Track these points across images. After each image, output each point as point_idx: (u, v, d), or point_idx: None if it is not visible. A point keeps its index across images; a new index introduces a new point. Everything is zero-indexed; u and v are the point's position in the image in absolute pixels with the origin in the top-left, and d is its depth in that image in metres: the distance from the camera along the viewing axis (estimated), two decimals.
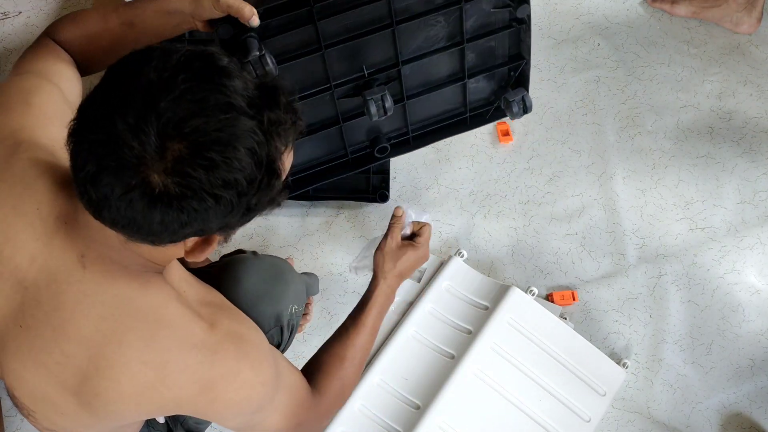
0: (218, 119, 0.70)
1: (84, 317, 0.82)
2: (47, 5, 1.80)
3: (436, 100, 1.40)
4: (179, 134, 0.69)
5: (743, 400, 1.44)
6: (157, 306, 0.84)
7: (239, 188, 0.72)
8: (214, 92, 0.71)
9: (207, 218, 0.73)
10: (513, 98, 1.39)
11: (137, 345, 0.82)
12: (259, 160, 0.73)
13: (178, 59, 0.72)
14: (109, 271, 0.82)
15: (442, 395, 1.35)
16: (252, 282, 1.06)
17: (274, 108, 0.75)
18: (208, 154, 0.69)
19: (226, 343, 0.87)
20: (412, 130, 1.43)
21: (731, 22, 1.74)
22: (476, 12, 1.30)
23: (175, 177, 0.69)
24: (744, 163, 1.63)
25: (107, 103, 0.71)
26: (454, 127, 1.46)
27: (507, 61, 1.39)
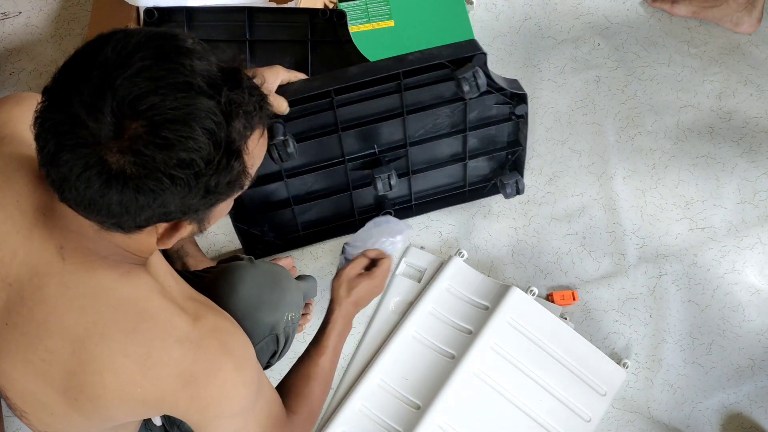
0: (175, 98, 0.69)
1: (65, 310, 0.81)
2: (47, 5, 1.80)
3: (439, 174, 1.52)
4: (135, 112, 0.68)
5: (743, 400, 1.44)
6: (139, 297, 0.83)
7: (196, 168, 0.71)
8: (171, 71, 0.70)
9: (165, 200, 0.73)
10: (508, 181, 1.49)
11: (119, 337, 0.81)
12: (218, 141, 0.72)
13: (138, 39, 0.71)
14: (87, 261, 0.81)
15: (442, 395, 1.35)
16: (248, 289, 1.05)
17: (234, 88, 0.74)
18: (163, 132, 0.69)
19: (209, 338, 0.86)
20: (415, 198, 1.54)
21: (731, 22, 1.74)
22: (479, 106, 1.41)
23: (131, 156, 0.69)
24: (744, 163, 1.63)
25: (67, 83, 0.70)
26: (454, 198, 1.57)
27: (506, 146, 1.51)
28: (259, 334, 1.05)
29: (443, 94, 1.37)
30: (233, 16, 1.55)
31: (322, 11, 1.56)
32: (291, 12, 1.58)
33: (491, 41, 1.75)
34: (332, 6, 1.66)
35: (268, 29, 1.57)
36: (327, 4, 1.65)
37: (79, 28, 1.77)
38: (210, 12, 1.55)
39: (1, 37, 1.77)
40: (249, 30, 1.56)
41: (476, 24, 1.74)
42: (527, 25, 1.77)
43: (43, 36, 1.77)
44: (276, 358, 1.12)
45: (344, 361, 1.45)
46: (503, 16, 1.78)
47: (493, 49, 1.73)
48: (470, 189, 1.56)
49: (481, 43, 1.70)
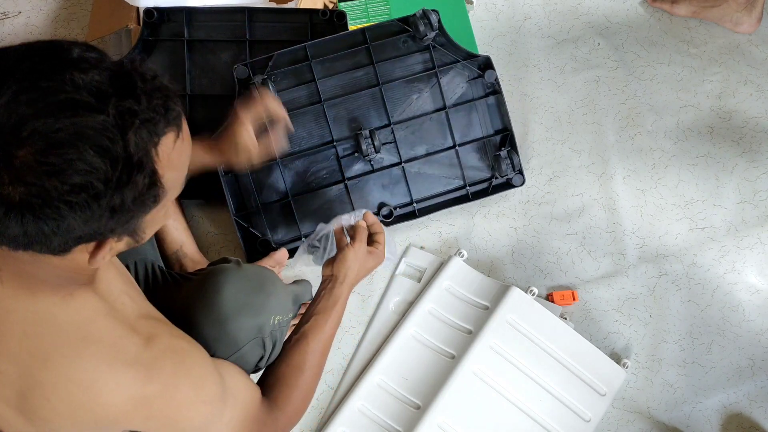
0: (57, 119, 0.64)
1: (9, 334, 0.78)
2: (47, 5, 1.80)
3: (438, 178, 1.56)
4: (18, 140, 0.64)
5: (743, 400, 1.44)
6: (82, 321, 0.80)
7: (93, 191, 0.67)
8: (51, 90, 0.65)
9: (69, 225, 0.68)
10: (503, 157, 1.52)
11: (62, 363, 0.78)
12: (114, 157, 0.66)
13: (15, 57, 0.66)
14: (26, 286, 0.78)
15: (442, 395, 1.35)
16: (232, 292, 1.03)
17: (127, 97, 0.68)
18: (50, 159, 0.64)
19: (162, 359, 0.83)
20: (417, 204, 1.55)
21: (731, 21, 1.74)
22: (454, 85, 1.54)
23: (22, 186, 0.65)
24: (744, 162, 1.63)
25: None
26: (455, 200, 1.57)
27: (493, 133, 1.57)
28: (243, 338, 1.03)
29: (414, 67, 1.52)
30: (233, 16, 1.55)
31: (322, 11, 1.56)
32: (291, 12, 1.58)
33: (491, 41, 1.75)
34: (332, 6, 1.66)
35: (268, 29, 1.57)
36: (327, 4, 1.65)
37: (79, 28, 1.77)
38: (210, 12, 1.55)
39: (1, 37, 1.77)
40: (249, 30, 1.56)
41: (476, 24, 1.74)
42: (527, 25, 1.77)
43: (43, 36, 1.77)
44: (264, 362, 1.10)
45: (344, 361, 1.45)
46: (503, 16, 1.78)
47: (493, 49, 1.73)
48: (472, 192, 1.56)
49: (481, 43, 1.73)
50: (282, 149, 1.29)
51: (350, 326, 1.48)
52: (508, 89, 1.66)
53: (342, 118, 1.51)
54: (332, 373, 1.44)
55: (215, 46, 1.55)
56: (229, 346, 1.00)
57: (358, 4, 1.68)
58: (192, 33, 1.55)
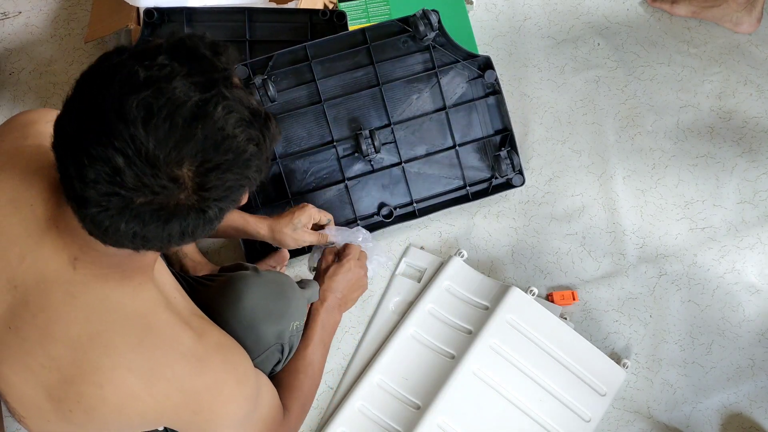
0: (199, 130, 0.71)
1: (71, 319, 0.81)
2: (47, 5, 1.80)
3: (438, 179, 1.56)
4: (181, 164, 0.71)
5: (743, 400, 1.44)
6: (146, 312, 0.83)
7: (256, 155, 0.75)
8: (172, 113, 0.70)
9: (249, 188, 0.78)
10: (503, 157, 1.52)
11: (124, 350, 0.81)
12: (249, 121, 0.75)
13: (116, 103, 0.70)
14: (101, 274, 0.81)
15: (442, 395, 1.35)
16: (253, 300, 1.05)
17: (214, 69, 0.74)
18: (218, 160, 0.72)
19: (214, 354, 0.87)
20: (417, 205, 1.56)
21: (731, 21, 1.74)
22: (454, 85, 1.54)
23: (203, 192, 0.73)
24: (744, 162, 1.63)
25: (91, 179, 0.70)
26: (456, 200, 1.58)
27: (493, 133, 1.57)
28: (264, 345, 1.05)
29: (414, 67, 1.52)
30: (233, 17, 1.55)
31: (322, 12, 1.56)
32: (291, 12, 1.58)
33: (491, 41, 1.75)
34: (332, 6, 1.66)
35: (268, 29, 1.57)
36: (327, 5, 1.65)
37: (79, 28, 1.77)
38: (210, 12, 1.55)
39: (1, 37, 1.77)
40: (249, 30, 1.56)
41: (476, 24, 1.74)
42: (527, 25, 1.77)
43: (43, 36, 1.77)
44: (280, 366, 1.13)
45: (344, 361, 1.45)
46: (503, 16, 1.78)
47: (493, 49, 1.73)
48: (472, 192, 1.57)
49: (481, 43, 1.73)
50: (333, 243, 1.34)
51: (350, 326, 1.48)
52: (508, 89, 1.66)
53: (342, 118, 1.51)
54: (332, 373, 1.44)
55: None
56: (252, 352, 1.02)
57: (358, 4, 1.68)
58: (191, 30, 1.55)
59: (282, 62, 1.47)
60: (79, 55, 1.74)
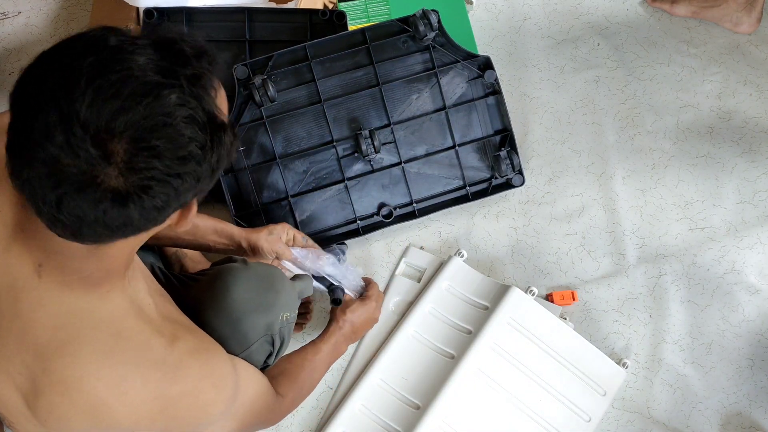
0: (143, 105, 0.67)
1: (39, 327, 0.79)
2: (46, 5, 1.80)
3: (437, 179, 1.56)
4: (113, 135, 0.67)
5: (743, 400, 1.44)
6: (115, 320, 0.81)
7: (196, 158, 0.71)
8: (122, 80, 0.67)
9: (179, 194, 0.72)
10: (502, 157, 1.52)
11: (92, 359, 0.80)
12: (201, 123, 0.71)
13: (71, 60, 0.68)
14: (66, 281, 0.79)
15: (442, 395, 1.35)
16: (242, 292, 1.04)
17: (185, 65, 0.71)
18: (151, 142, 0.68)
19: (188, 360, 0.85)
20: (417, 205, 1.56)
21: (731, 21, 1.74)
22: (453, 85, 1.54)
23: (132, 175, 0.68)
24: (744, 162, 1.63)
25: (30, 127, 0.68)
26: (455, 201, 1.58)
27: (492, 133, 1.57)
28: (254, 336, 1.05)
29: (414, 68, 1.52)
30: (233, 17, 1.55)
31: (322, 11, 1.56)
32: (291, 12, 1.58)
33: (491, 41, 1.75)
34: (332, 6, 1.66)
35: (268, 30, 1.57)
36: (327, 5, 1.65)
37: (79, 28, 1.77)
38: (210, 12, 1.55)
39: (1, 37, 1.77)
40: (249, 30, 1.56)
41: (476, 24, 1.74)
42: (527, 25, 1.77)
43: (43, 36, 1.77)
44: (273, 359, 1.12)
45: (344, 361, 1.45)
46: (503, 16, 1.78)
47: (493, 49, 1.73)
48: (472, 192, 1.57)
49: (481, 43, 1.73)
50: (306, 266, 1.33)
51: None
52: (507, 89, 1.66)
53: (342, 118, 1.51)
54: (332, 373, 1.44)
55: (215, 46, 1.54)
56: (240, 344, 1.02)
57: (358, 4, 1.68)
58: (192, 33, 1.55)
59: (282, 62, 1.47)
60: None
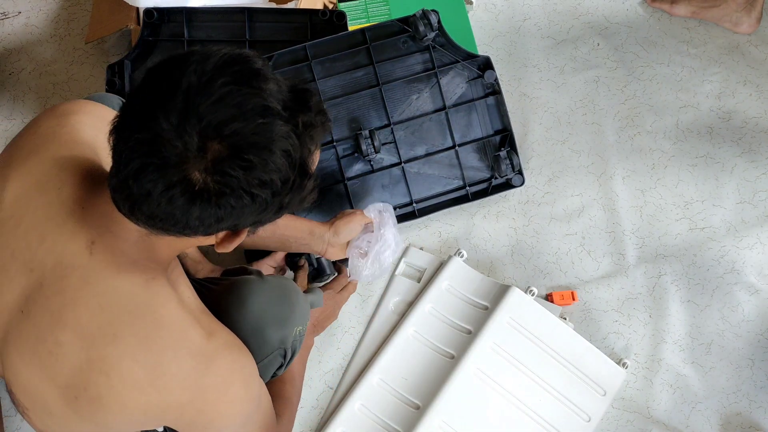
0: (256, 123, 0.73)
1: (83, 305, 0.82)
2: (47, 5, 1.80)
3: (437, 179, 1.56)
4: (219, 136, 0.72)
5: (743, 400, 1.44)
6: (157, 305, 0.84)
7: (274, 188, 0.76)
8: (251, 96, 0.74)
9: (242, 214, 0.77)
10: (502, 157, 1.53)
11: (131, 341, 0.82)
12: (293, 162, 0.76)
13: (215, 63, 0.75)
14: (115, 262, 0.82)
15: (441, 395, 1.35)
16: (258, 305, 1.05)
17: (306, 111, 0.78)
18: (247, 155, 0.73)
19: (222, 354, 0.87)
20: (417, 205, 1.56)
21: (731, 22, 1.74)
22: (453, 85, 1.54)
23: (215, 176, 0.73)
24: (743, 163, 1.63)
25: (151, 104, 0.73)
26: (455, 201, 1.58)
27: (492, 133, 1.57)
28: (268, 349, 1.06)
29: (414, 68, 1.53)
30: (233, 17, 1.55)
31: (322, 12, 1.56)
32: (291, 12, 1.58)
33: (491, 41, 1.75)
34: (332, 6, 1.66)
35: (268, 30, 1.57)
36: (327, 5, 1.65)
37: (79, 28, 1.77)
38: (210, 12, 1.55)
39: (1, 37, 1.77)
40: (249, 30, 1.56)
41: (476, 24, 1.74)
42: (527, 25, 1.77)
43: (43, 36, 1.77)
44: (282, 371, 1.13)
45: (344, 361, 1.45)
46: (503, 16, 1.78)
47: (493, 49, 1.73)
48: (471, 192, 1.57)
49: (481, 43, 1.73)
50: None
51: (350, 326, 1.48)
52: (507, 89, 1.66)
53: (342, 118, 1.51)
54: (332, 373, 1.44)
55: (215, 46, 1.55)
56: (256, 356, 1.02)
57: (358, 4, 1.68)
58: (192, 33, 1.55)
59: (282, 62, 1.47)
60: (79, 55, 1.74)
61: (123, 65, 1.53)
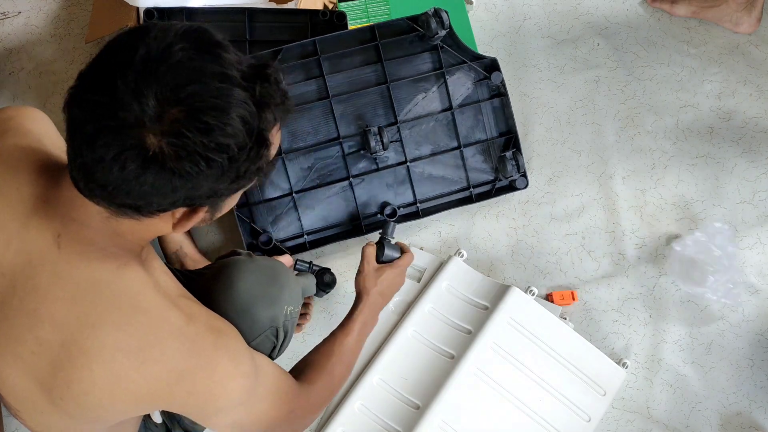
0: (215, 87, 0.74)
1: (57, 300, 0.81)
2: (46, 5, 1.80)
3: (442, 180, 1.56)
4: (177, 99, 0.72)
5: (743, 400, 1.44)
6: (133, 291, 0.83)
7: (230, 153, 0.75)
8: (210, 62, 0.74)
9: (198, 182, 0.76)
10: (508, 157, 1.53)
11: (110, 330, 0.81)
12: (250, 129, 0.76)
13: (176, 31, 0.75)
14: (84, 252, 0.81)
15: (441, 395, 1.35)
16: (247, 284, 1.05)
17: (264, 83, 0.78)
18: (204, 118, 0.73)
19: (204, 334, 0.86)
20: (421, 205, 1.56)
21: (731, 21, 1.74)
22: (459, 85, 1.54)
23: (171, 138, 0.72)
24: (743, 162, 1.63)
25: (108, 69, 0.73)
26: (459, 202, 1.58)
27: (497, 135, 1.57)
28: (259, 328, 1.05)
29: (421, 67, 1.53)
30: (233, 17, 1.55)
31: (322, 12, 1.56)
32: (291, 13, 1.58)
33: (491, 41, 1.75)
34: (332, 6, 1.66)
35: (268, 30, 1.57)
36: (327, 5, 1.65)
37: (79, 28, 1.77)
38: (210, 12, 1.55)
39: (1, 37, 1.77)
40: (249, 30, 1.56)
41: (476, 24, 1.74)
42: (527, 25, 1.77)
43: (43, 36, 1.77)
44: (276, 353, 1.12)
45: None
46: (503, 16, 1.78)
47: (493, 49, 1.73)
48: (475, 193, 1.57)
49: (481, 44, 1.73)
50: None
51: None
52: (508, 89, 1.65)
53: (348, 114, 1.51)
54: None
55: None
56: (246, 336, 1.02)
57: (358, 4, 1.68)
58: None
59: (290, 56, 1.47)
60: (79, 54, 1.74)
61: None
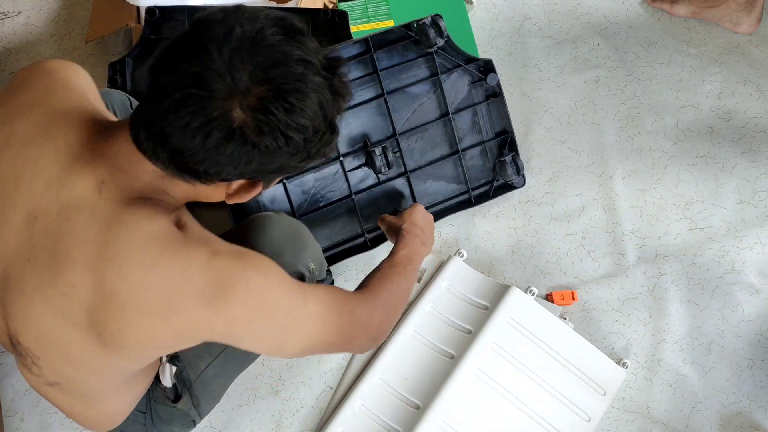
0: (300, 72, 0.79)
1: (89, 242, 0.82)
2: (47, 5, 1.80)
3: (441, 183, 1.56)
4: (266, 78, 0.77)
5: (743, 400, 1.44)
6: (160, 235, 0.84)
7: (307, 134, 0.80)
8: (296, 48, 0.79)
9: (272, 158, 0.81)
10: (507, 161, 1.54)
11: (138, 271, 0.83)
12: (325, 115, 0.82)
13: (266, 15, 0.80)
14: (124, 198, 0.84)
15: (441, 395, 1.35)
16: (276, 234, 1.11)
17: (340, 78, 0.84)
18: (289, 98, 0.78)
19: (230, 261, 0.86)
20: None
21: (731, 21, 1.74)
22: (455, 89, 1.53)
23: (257, 113, 0.77)
24: (743, 162, 1.63)
25: (204, 42, 0.77)
26: (460, 205, 1.58)
27: (493, 136, 1.57)
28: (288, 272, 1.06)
29: (417, 74, 1.50)
30: None
31: (323, 11, 1.56)
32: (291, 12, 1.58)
33: (491, 41, 1.75)
34: (332, 6, 1.66)
35: None
36: (327, 4, 1.65)
37: (79, 27, 1.77)
38: None
39: (1, 37, 1.77)
40: None
41: (476, 24, 1.74)
42: (527, 25, 1.77)
43: (43, 36, 1.77)
44: None
45: (344, 360, 1.45)
46: (503, 16, 1.78)
47: (493, 49, 1.73)
48: (474, 195, 1.57)
49: (481, 44, 1.73)
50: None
51: None
52: (508, 89, 1.66)
53: (347, 132, 1.48)
54: (332, 372, 1.44)
55: None
56: None
57: (358, 4, 1.68)
58: None
59: None
60: (79, 54, 1.74)
61: (125, 63, 1.53)
